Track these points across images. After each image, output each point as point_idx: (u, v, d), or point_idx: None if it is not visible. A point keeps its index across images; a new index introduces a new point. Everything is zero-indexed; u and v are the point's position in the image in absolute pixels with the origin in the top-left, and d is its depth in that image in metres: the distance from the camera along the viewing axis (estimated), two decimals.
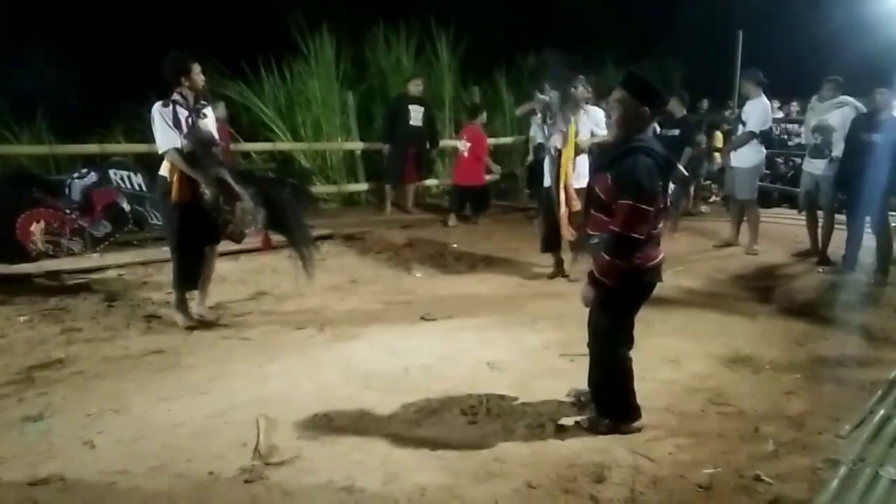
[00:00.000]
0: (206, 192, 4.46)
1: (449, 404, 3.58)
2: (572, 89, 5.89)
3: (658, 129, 7.89)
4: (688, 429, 3.35)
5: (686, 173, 7.70)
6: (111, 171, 6.92)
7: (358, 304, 5.51)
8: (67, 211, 6.60)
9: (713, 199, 11.14)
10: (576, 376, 3.76)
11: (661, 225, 3.18)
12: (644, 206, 2.94)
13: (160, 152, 4.54)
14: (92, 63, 10.94)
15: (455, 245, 7.51)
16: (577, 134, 5.86)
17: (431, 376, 3.97)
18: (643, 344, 4.44)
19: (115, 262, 6.35)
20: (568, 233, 5.79)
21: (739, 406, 3.62)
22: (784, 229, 8.39)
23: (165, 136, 4.48)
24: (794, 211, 8.53)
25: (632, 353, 3.30)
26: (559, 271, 6.24)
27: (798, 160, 9.71)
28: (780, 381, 3.97)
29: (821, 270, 6.67)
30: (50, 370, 4.00)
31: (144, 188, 7.02)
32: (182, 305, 4.85)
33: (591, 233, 3.20)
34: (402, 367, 4.10)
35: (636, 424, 3.30)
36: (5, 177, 7.27)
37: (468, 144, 9.07)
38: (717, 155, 10.35)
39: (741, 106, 7.78)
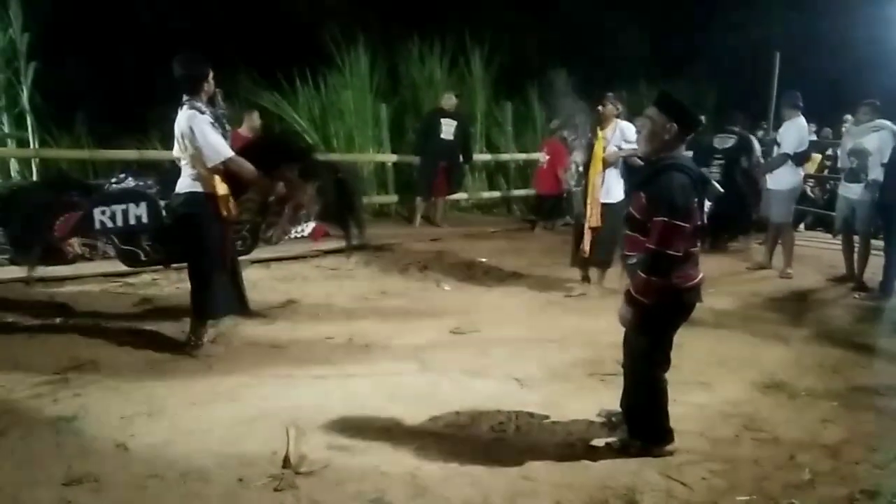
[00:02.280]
0: (252, 201, 4.44)
1: (477, 419, 3.57)
2: (599, 107, 5.96)
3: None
4: (721, 454, 3.30)
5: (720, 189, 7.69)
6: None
7: (387, 315, 5.52)
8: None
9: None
10: (606, 396, 3.73)
11: (698, 244, 3.15)
12: (679, 223, 2.93)
13: (217, 163, 4.23)
14: (130, 69, 11.18)
15: (484, 259, 7.50)
16: (604, 149, 5.89)
17: (460, 390, 3.96)
18: (675, 366, 4.38)
19: (148, 267, 6.44)
20: (587, 247, 5.89)
21: (774, 433, 3.55)
22: (819, 253, 8.25)
23: (221, 146, 4.23)
24: (829, 235, 8.40)
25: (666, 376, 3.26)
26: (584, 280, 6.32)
27: (833, 184, 9.58)
28: (815, 409, 3.89)
29: (857, 296, 6.53)
30: (84, 372, 4.06)
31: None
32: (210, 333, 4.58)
33: (628, 253, 3.19)
34: (431, 380, 4.09)
35: (669, 448, 3.25)
36: (45, 180, 7.40)
37: (547, 157, 9.54)
38: None
39: (777, 128, 7.71)
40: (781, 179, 7.20)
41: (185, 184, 4.36)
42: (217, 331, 4.67)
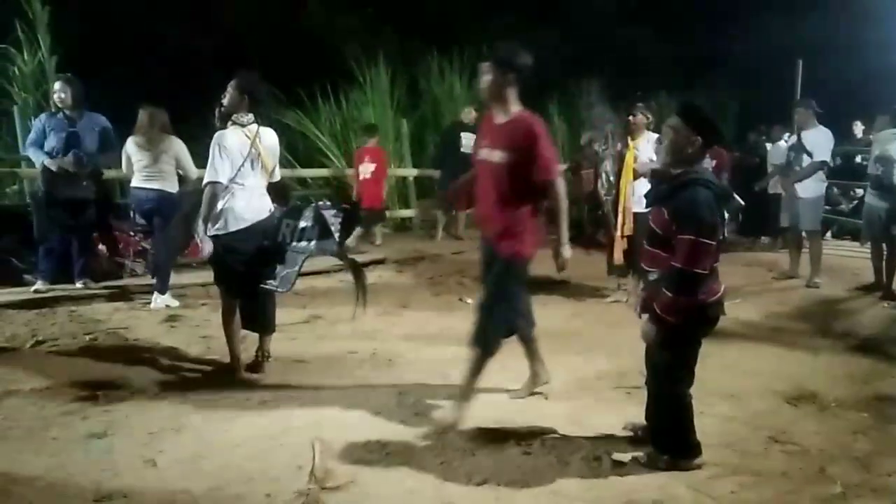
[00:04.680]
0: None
1: (502, 434, 3.55)
2: (630, 117, 5.99)
3: None
4: (750, 467, 3.25)
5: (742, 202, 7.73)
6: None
7: (409, 329, 5.53)
8: (132, 233, 6.83)
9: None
10: (632, 409, 3.70)
11: (720, 257, 3.12)
12: (707, 241, 2.88)
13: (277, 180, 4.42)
14: (156, 87, 11.37)
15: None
16: (635, 159, 5.93)
17: (484, 404, 3.94)
18: (701, 378, 4.34)
19: (175, 283, 6.52)
20: (618, 256, 6.02)
21: (804, 445, 3.50)
22: (845, 262, 8.14)
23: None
24: (856, 243, 8.29)
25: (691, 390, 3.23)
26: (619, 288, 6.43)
27: (859, 191, 9.47)
28: (846, 420, 3.83)
29: (886, 305, 6.44)
30: (113, 388, 4.11)
31: None
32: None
33: (648, 269, 3.14)
34: (455, 395, 4.08)
35: (696, 462, 3.21)
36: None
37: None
38: None
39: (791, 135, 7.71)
40: (809, 187, 7.13)
41: (269, 205, 4.36)
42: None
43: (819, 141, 7.04)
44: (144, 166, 5.91)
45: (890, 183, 6.50)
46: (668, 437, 3.24)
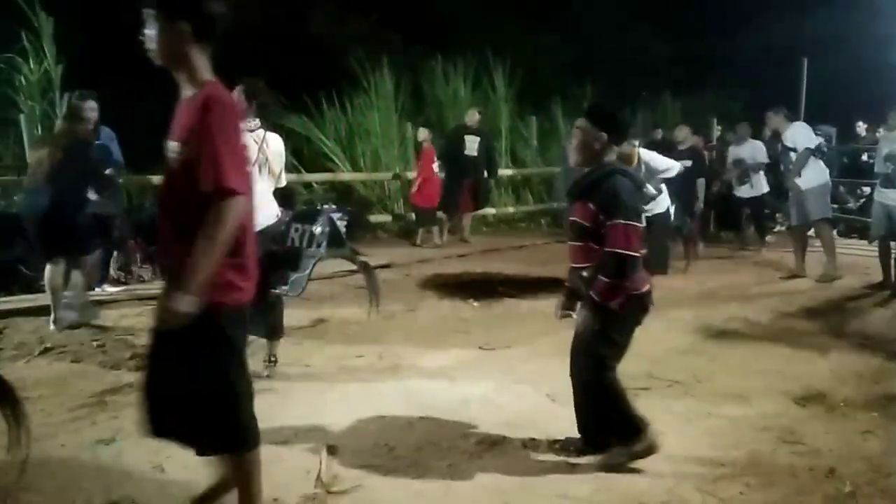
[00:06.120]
0: None
1: (509, 436, 3.55)
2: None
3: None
4: (758, 468, 3.24)
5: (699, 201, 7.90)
6: None
7: (415, 332, 5.54)
8: (138, 239, 6.86)
9: (778, 228, 10.85)
10: (639, 410, 3.68)
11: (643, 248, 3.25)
12: (635, 224, 3.06)
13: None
14: (161, 97, 11.42)
15: (508, 277, 7.49)
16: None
17: (491, 407, 3.95)
18: (709, 379, 4.37)
19: None
20: None
21: (813, 445, 3.48)
22: (854, 260, 8.10)
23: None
24: (863, 242, 8.25)
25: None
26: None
27: (866, 189, 9.45)
28: (855, 420, 3.81)
29: None
30: (121, 395, 4.12)
31: None
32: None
33: (579, 265, 3.21)
34: (461, 397, 4.09)
35: (650, 442, 3.19)
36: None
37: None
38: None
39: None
40: (811, 177, 7.19)
41: (276, 210, 4.34)
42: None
43: (797, 134, 7.28)
44: None
45: None
46: (615, 423, 3.24)
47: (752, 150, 9.02)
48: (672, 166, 6.51)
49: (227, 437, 2.46)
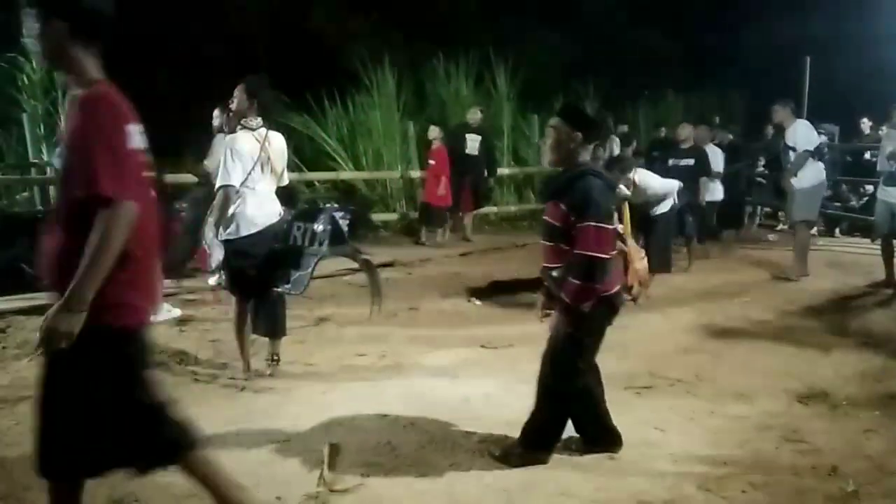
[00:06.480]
0: None
1: (512, 435, 3.54)
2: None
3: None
4: (761, 467, 3.24)
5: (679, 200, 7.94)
6: None
7: (417, 331, 5.54)
8: None
9: (780, 227, 10.85)
10: (641, 409, 3.71)
11: (615, 250, 3.19)
12: (606, 226, 3.01)
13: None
14: (164, 95, 11.44)
15: (508, 278, 7.49)
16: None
17: (493, 405, 3.95)
18: (711, 378, 4.36)
19: (185, 288, 6.56)
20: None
21: (815, 444, 3.48)
22: (857, 259, 8.09)
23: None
24: (866, 240, 8.25)
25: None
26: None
27: (869, 188, 9.43)
28: (857, 419, 3.81)
29: None
30: None
31: None
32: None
33: (550, 265, 3.19)
34: (463, 396, 4.09)
35: (542, 456, 3.23)
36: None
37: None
38: None
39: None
40: (804, 178, 7.21)
41: (278, 209, 4.33)
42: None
43: (798, 133, 7.21)
44: None
45: None
46: (539, 431, 3.26)
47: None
48: (670, 189, 6.63)
49: (157, 449, 2.35)
